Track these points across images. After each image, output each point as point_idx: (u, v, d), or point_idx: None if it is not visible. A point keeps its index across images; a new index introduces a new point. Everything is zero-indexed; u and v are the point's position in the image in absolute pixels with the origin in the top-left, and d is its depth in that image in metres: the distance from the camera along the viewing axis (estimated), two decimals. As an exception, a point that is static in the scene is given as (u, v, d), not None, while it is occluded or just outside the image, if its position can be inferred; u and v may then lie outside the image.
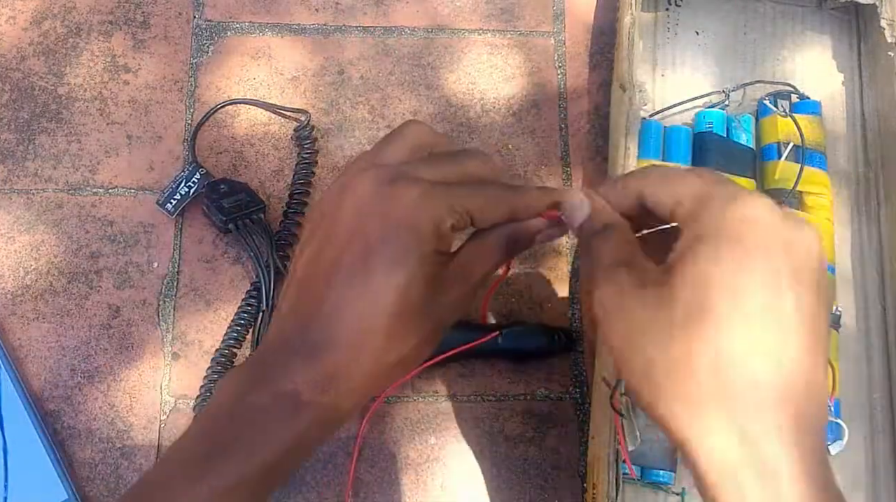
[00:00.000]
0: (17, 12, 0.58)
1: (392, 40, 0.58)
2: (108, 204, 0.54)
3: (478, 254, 0.37)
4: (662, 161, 0.52)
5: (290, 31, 0.58)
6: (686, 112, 0.55)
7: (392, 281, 0.33)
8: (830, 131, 0.55)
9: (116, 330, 0.51)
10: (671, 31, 0.58)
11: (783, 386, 0.29)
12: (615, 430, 0.44)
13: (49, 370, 0.50)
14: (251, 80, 0.57)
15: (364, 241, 0.33)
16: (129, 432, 0.49)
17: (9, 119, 0.55)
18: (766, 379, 0.29)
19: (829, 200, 0.51)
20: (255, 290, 0.51)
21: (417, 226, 0.33)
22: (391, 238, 0.33)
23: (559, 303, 0.53)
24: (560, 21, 0.60)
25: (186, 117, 0.56)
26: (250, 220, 0.51)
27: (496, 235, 0.37)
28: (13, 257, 0.52)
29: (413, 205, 0.33)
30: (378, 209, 0.34)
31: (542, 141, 0.57)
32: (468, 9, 0.60)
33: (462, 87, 0.58)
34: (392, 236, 0.33)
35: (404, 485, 0.49)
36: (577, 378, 0.51)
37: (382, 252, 0.33)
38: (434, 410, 0.50)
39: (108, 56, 0.57)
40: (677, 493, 0.47)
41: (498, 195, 0.36)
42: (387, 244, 0.33)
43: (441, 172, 0.36)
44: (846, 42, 0.58)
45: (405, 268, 0.33)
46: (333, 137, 0.56)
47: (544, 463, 0.50)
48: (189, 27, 0.58)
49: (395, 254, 0.33)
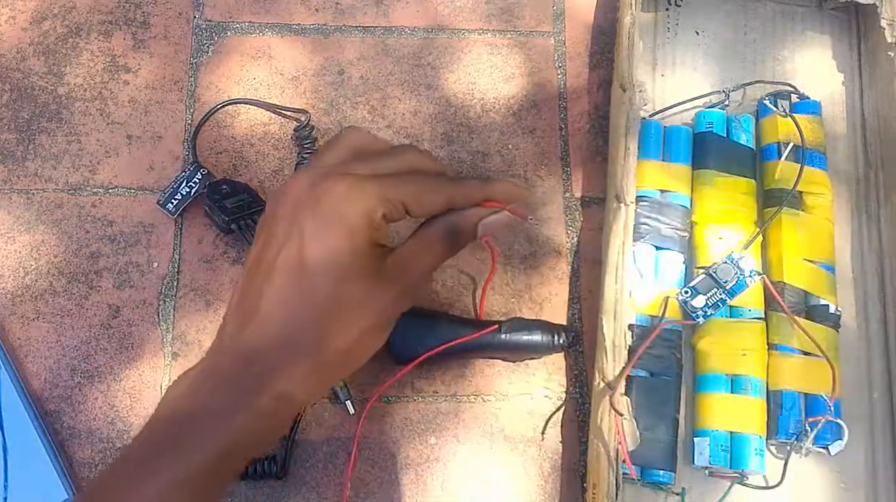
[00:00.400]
0: (17, 12, 0.58)
1: (392, 40, 0.58)
2: (108, 204, 0.54)
3: (418, 246, 0.37)
4: (662, 161, 0.52)
5: (290, 31, 0.58)
6: (686, 112, 0.55)
7: (325, 274, 0.33)
8: (830, 131, 0.55)
9: (116, 330, 0.51)
10: (671, 31, 0.58)
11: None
12: (615, 430, 0.44)
13: (49, 370, 0.50)
14: (251, 80, 0.57)
15: (298, 237, 0.34)
16: (129, 432, 0.49)
17: (9, 119, 0.55)
18: None
19: (829, 200, 0.51)
20: (255, 290, 0.51)
21: (347, 218, 0.34)
22: (323, 231, 0.34)
23: (559, 303, 0.53)
24: (560, 21, 0.60)
25: (186, 117, 0.56)
26: (252, 221, 0.51)
27: (435, 226, 0.37)
28: (13, 257, 0.52)
29: (342, 197, 0.34)
30: (310, 205, 0.34)
31: (542, 141, 0.57)
32: (468, 9, 0.60)
33: (462, 87, 0.58)
34: (323, 230, 0.34)
35: (404, 485, 0.49)
36: (577, 378, 0.51)
37: (315, 246, 0.34)
38: (434, 410, 0.50)
39: (108, 56, 0.57)
40: (677, 493, 0.47)
41: (431, 183, 0.37)
42: (319, 238, 0.34)
43: (373, 167, 0.36)
44: (846, 42, 0.58)
45: (338, 261, 0.34)
46: (333, 137, 0.56)
47: (544, 463, 0.50)
48: (189, 27, 0.58)
49: (328, 247, 0.34)
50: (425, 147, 0.56)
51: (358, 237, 0.34)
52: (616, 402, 0.44)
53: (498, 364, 0.51)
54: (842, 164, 0.55)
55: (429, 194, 0.36)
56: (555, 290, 0.53)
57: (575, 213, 0.55)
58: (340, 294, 0.34)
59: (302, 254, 0.34)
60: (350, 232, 0.34)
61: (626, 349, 0.47)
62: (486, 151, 0.56)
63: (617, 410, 0.44)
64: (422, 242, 0.38)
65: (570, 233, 0.55)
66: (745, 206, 0.51)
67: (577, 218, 0.55)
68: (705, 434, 0.47)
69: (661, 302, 0.48)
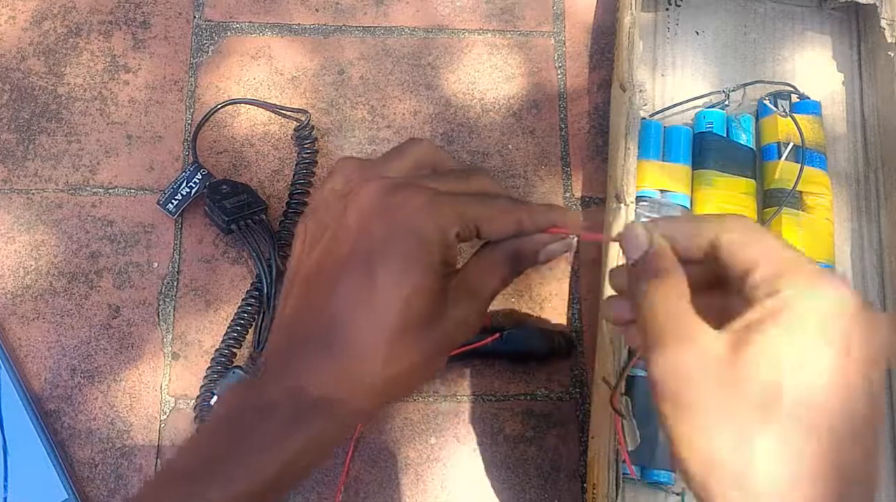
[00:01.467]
0: (17, 12, 0.58)
1: (392, 40, 0.58)
2: (108, 204, 0.54)
3: (484, 269, 0.36)
4: (662, 161, 0.52)
5: (290, 31, 0.58)
6: (686, 112, 0.55)
7: (397, 290, 0.32)
8: (830, 131, 0.55)
9: (116, 330, 0.51)
10: (671, 31, 0.58)
11: None
12: (615, 430, 0.44)
13: (49, 370, 0.50)
14: (251, 80, 0.57)
15: (369, 248, 0.32)
16: (129, 432, 0.49)
17: (9, 119, 0.55)
18: None
19: (829, 200, 0.51)
20: (255, 290, 0.51)
21: (423, 234, 0.32)
22: (396, 245, 0.32)
23: (559, 302, 0.53)
24: (560, 21, 0.60)
25: (186, 117, 0.56)
26: (252, 221, 0.51)
27: (502, 250, 0.36)
28: (13, 257, 0.52)
29: (419, 211, 0.32)
30: (383, 216, 0.33)
31: (542, 141, 0.57)
32: (468, 9, 0.60)
33: (462, 87, 0.58)
34: (397, 243, 0.32)
35: (404, 485, 0.49)
36: (577, 378, 0.51)
37: (387, 260, 0.32)
38: (434, 410, 0.50)
39: (108, 56, 0.57)
40: (677, 493, 0.47)
41: (503, 206, 0.35)
42: (392, 252, 0.32)
43: (448, 185, 0.35)
44: (846, 42, 0.58)
45: (410, 278, 0.32)
46: (333, 137, 0.56)
47: (544, 463, 0.50)
48: (189, 27, 0.58)
49: (400, 262, 0.32)
50: (425, 147, 0.56)
51: (431, 254, 0.33)
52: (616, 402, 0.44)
53: (498, 364, 0.51)
54: (842, 164, 0.55)
55: (502, 217, 0.35)
56: (555, 290, 0.53)
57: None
58: (409, 312, 0.32)
59: (372, 266, 0.32)
60: (424, 247, 0.32)
61: (626, 349, 0.47)
62: (486, 151, 0.56)
63: (617, 410, 0.44)
64: (487, 265, 0.36)
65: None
66: (745, 206, 0.51)
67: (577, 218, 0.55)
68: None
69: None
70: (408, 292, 0.32)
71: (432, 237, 0.33)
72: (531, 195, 0.55)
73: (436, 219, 0.33)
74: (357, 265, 0.32)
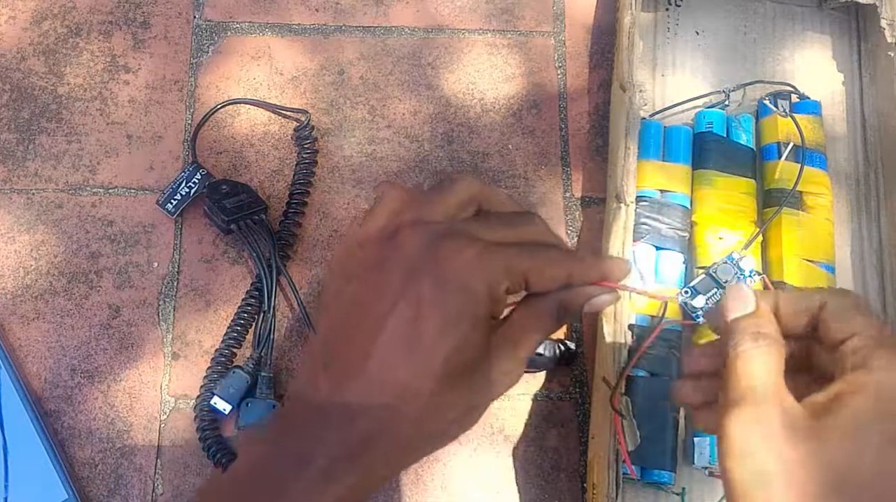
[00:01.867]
0: (17, 12, 0.58)
1: (392, 40, 0.59)
2: (108, 204, 0.54)
3: (530, 321, 0.35)
4: (662, 161, 0.52)
5: (290, 31, 0.58)
6: (686, 112, 0.55)
7: (442, 344, 0.31)
8: (830, 131, 0.55)
9: (116, 330, 0.51)
10: (671, 31, 0.58)
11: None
12: (615, 430, 0.44)
13: (49, 370, 0.50)
14: (251, 80, 0.57)
15: (415, 300, 0.31)
16: (129, 432, 0.49)
17: (9, 119, 0.55)
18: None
19: (829, 200, 0.51)
20: (255, 290, 0.51)
21: (472, 288, 0.31)
22: (444, 299, 0.31)
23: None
24: (560, 21, 0.60)
25: (186, 117, 0.56)
26: (252, 221, 0.51)
27: (549, 301, 0.35)
28: (13, 257, 0.52)
29: (468, 265, 0.31)
30: (431, 267, 0.31)
31: (542, 141, 0.57)
32: (468, 9, 0.60)
33: (462, 87, 0.58)
34: (445, 297, 0.31)
35: (404, 485, 0.49)
36: (577, 378, 0.51)
37: (434, 313, 0.31)
38: (434, 410, 0.50)
39: (108, 56, 0.57)
40: (677, 493, 0.47)
41: (554, 258, 0.34)
42: (439, 305, 0.31)
43: (497, 234, 0.33)
44: (846, 42, 0.58)
45: (457, 332, 0.31)
46: (333, 137, 0.56)
47: (544, 463, 0.50)
48: (189, 27, 0.58)
49: (448, 316, 0.31)
50: (425, 147, 0.56)
51: (480, 309, 0.32)
52: (616, 402, 0.44)
53: (498, 364, 0.51)
54: (842, 164, 0.55)
55: (551, 270, 0.34)
56: (555, 290, 0.53)
57: (575, 213, 0.55)
58: (454, 366, 0.31)
59: (418, 318, 0.31)
60: (473, 303, 0.31)
61: (626, 349, 0.47)
62: (486, 151, 0.56)
63: (617, 410, 0.44)
64: (533, 317, 0.35)
65: (569, 233, 0.55)
66: (745, 206, 0.51)
67: (577, 218, 0.55)
68: (705, 434, 0.47)
69: (661, 302, 0.48)
70: (453, 346, 0.31)
71: (481, 292, 0.32)
72: (531, 195, 0.55)
73: (485, 274, 0.32)
74: (401, 318, 0.31)
